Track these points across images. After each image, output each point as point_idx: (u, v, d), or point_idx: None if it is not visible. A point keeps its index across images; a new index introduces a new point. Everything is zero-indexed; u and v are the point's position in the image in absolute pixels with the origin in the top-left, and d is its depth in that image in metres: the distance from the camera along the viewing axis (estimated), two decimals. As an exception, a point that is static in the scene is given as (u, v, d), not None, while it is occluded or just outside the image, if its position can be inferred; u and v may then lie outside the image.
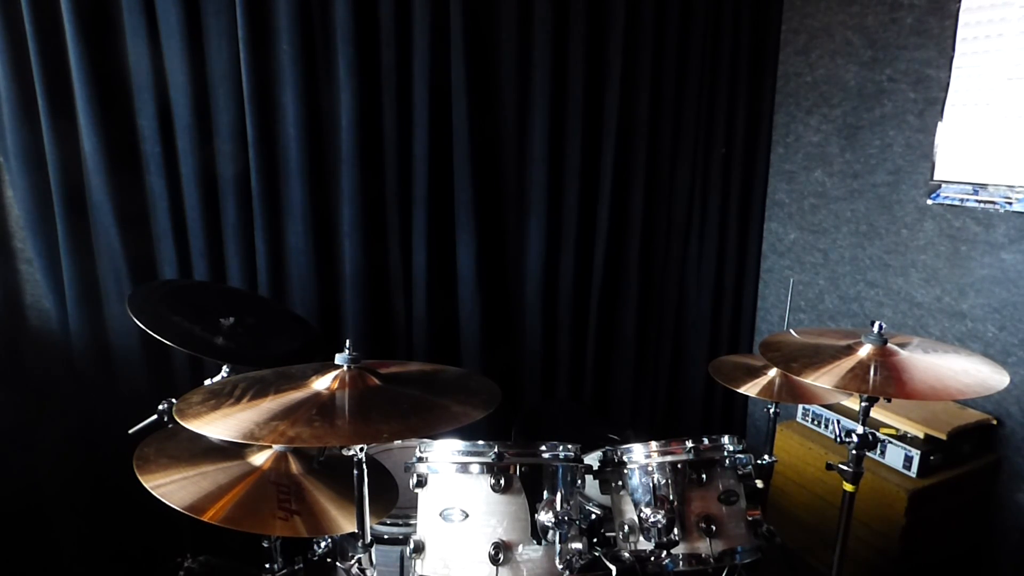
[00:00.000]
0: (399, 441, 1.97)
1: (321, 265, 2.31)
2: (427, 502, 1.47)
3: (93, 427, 2.13)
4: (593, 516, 1.75)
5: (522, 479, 1.45)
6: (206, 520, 1.27)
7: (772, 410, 2.02)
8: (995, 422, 2.26)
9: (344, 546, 1.66)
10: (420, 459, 1.49)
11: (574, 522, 1.45)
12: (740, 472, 1.61)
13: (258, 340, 1.82)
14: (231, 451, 1.45)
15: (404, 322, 2.50)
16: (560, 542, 1.41)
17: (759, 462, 1.87)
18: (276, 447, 1.46)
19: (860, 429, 1.60)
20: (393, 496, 1.56)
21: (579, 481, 1.54)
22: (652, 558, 1.51)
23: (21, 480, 2.09)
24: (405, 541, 1.48)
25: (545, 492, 1.46)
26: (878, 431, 2.16)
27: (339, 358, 1.34)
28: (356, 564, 1.38)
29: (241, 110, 2.11)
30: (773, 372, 1.92)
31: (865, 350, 1.58)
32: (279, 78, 2.14)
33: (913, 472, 2.15)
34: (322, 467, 1.49)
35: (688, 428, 3.08)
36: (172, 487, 1.32)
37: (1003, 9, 2.14)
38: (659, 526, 1.50)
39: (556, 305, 2.72)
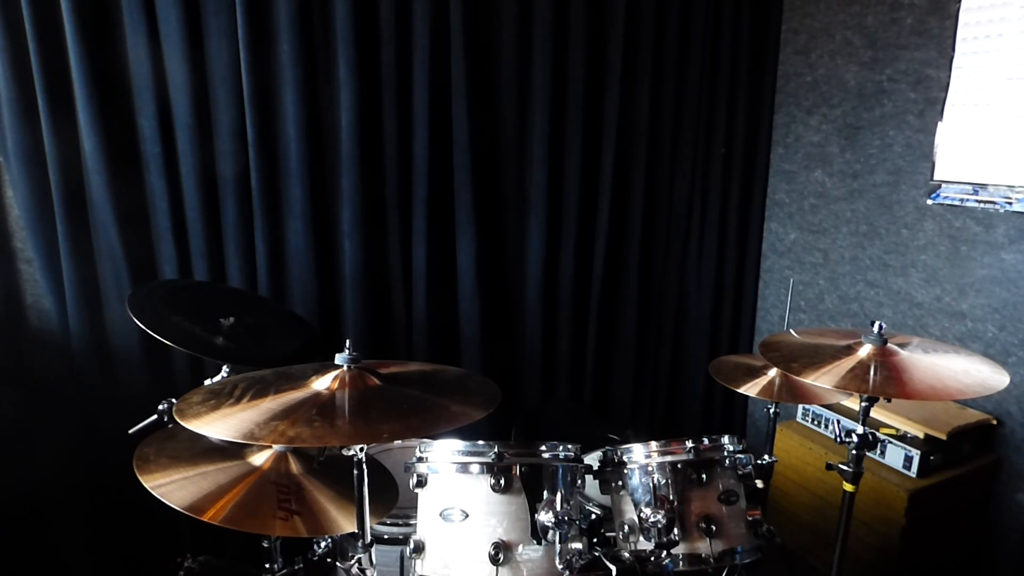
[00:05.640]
0: (399, 441, 1.97)
1: (321, 265, 2.31)
2: (427, 502, 1.47)
3: (93, 427, 2.13)
4: (593, 516, 1.75)
5: (522, 479, 1.45)
6: (206, 520, 1.27)
7: (772, 410, 2.02)
8: (995, 422, 2.26)
9: (344, 546, 1.65)
10: (420, 459, 1.49)
11: (574, 522, 1.45)
12: (740, 472, 1.61)
13: (258, 340, 1.82)
14: (231, 451, 1.44)
15: (404, 322, 2.50)
16: (560, 542, 1.41)
17: (759, 462, 1.87)
18: (276, 447, 1.46)
19: (860, 429, 1.60)
20: (393, 496, 1.56)
21: (579, 481, 1.54)
22: (652, 558, 1.51)
23: (21, 480, 2.09)
24: (405, 541, 1.48)
25: (545, 492, 1.46)
26: (878, 431, 2.16)
27: (339, 358, 1.34)
28: (356, 564, 1.38)
29: (241, 110, 2.11)
30: (773, 372, 1.92)
31: (865, 350, 1.58)
32: (279, 78, 2.14)
33: (913, 472, 2.15)
34: (322, 467, 1.49)
35: (688, 428, 3.08)
36: (172, 487, 1.32)
37: (1003, 9, 2.14)
38: (659, 526, 1.50)
39: (556, 305, 2.72)
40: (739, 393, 1.91)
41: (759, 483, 1.77)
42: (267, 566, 1.57)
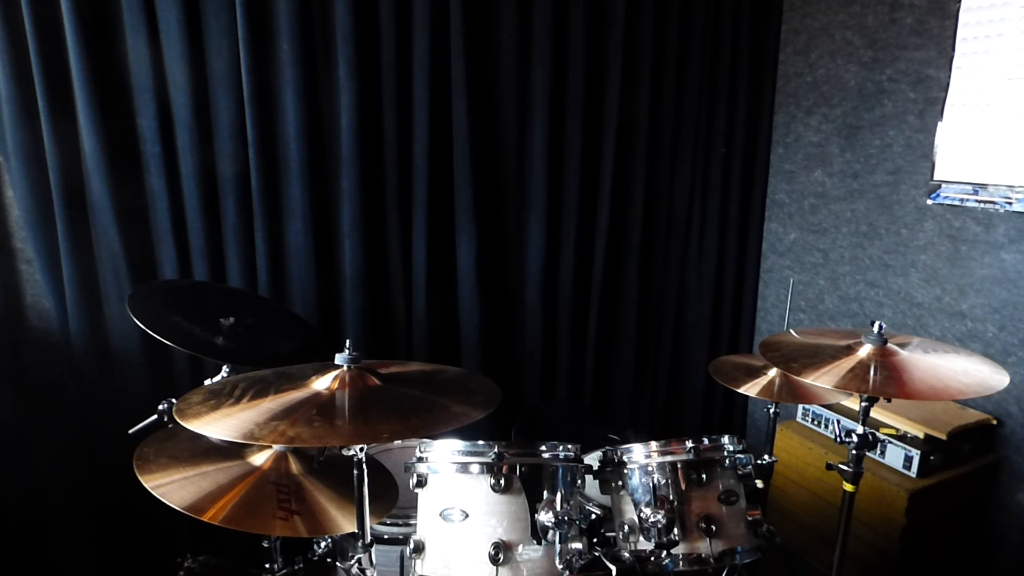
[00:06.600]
0: (399, 441, 1.97)
1: (321, 265, 2.31)
2: (427, 502, 1.47)
3: (93, 427, 2.12)
4: (593, 516, 1.75)
5: (522, 479, 1.45)
6: (206, 520, 1.27)
7: (772, 410, 2.02)
8: (995, 422, 2.26)
9: (344, 546, 1.66)
10: (420, 459, 1.49)
11: (574, 522, 1.45)
12: (740, 472, 1.61)
13: (258, 340, 1.82)
14: (231, 451, 1.45)
15: (404, 322, 2.50)
16: (560, 542, 1.41)
17: (759, 462, 1.87)
18: (276, 447, 1.46)
19: (860, 429, 1.60)
20: (393, 496, 1.56)
21: (579, 481, 1.54)
22: (652, 558, 1.51)
23: (21, 480, 2.09)
24: (405, 541, 1.48)
25: (545, 492, 1.45)
26: (878, 431, 2.16)
27: (339, 358, 1.34)
28: (356, 564, 1.38)
29: (241, 110, 2.11)
30: (773, 372, 1.92)
31: (865, 350, 1.58)
32: (279, 78, 2.14)
33: (913, 472, 2.15)
34: (322, 467, 1.49)
35: (688, 428, 3.08)
36: (172, 487, 1.32)
37: (1003, 9, 2.14)
38: (659, 526, 1.50)
39: (556, 305, 2.72)
40: (739, 393, 1.91)
41: (759, 483, 1.76)
42: (267, 566, 1.57)
